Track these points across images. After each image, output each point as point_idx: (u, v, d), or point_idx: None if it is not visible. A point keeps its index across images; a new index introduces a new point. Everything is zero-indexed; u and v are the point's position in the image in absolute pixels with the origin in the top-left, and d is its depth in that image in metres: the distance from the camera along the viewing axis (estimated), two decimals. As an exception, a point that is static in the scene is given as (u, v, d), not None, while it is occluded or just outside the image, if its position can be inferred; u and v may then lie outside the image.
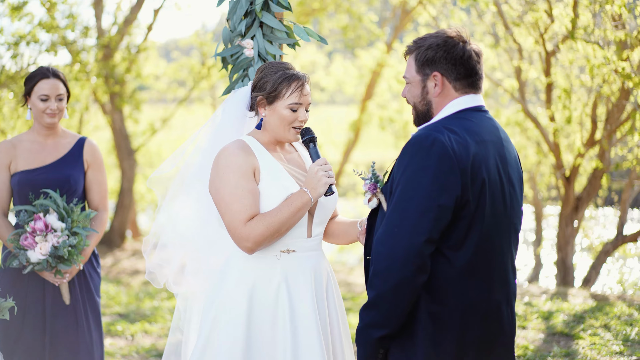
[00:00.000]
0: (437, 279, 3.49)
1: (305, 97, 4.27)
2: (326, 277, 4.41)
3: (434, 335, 3.50)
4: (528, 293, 11.42)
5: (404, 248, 3.38)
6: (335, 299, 4.46)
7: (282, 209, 4.13)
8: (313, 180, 4.15)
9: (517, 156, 3.80)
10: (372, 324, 3.48)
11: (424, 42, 3.67)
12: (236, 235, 4.14)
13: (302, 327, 4.21)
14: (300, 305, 4.24)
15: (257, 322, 4.22)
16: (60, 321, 5.55)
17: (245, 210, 4.12)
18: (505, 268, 3.65)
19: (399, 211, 3.43)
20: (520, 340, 8.40)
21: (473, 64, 3.65)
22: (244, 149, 4.23)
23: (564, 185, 13.03)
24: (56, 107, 5.51)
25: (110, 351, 8.28)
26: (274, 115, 4.27)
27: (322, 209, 4.35)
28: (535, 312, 9.64)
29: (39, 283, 5.53)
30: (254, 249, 4.14)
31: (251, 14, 4.73)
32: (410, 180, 3.43)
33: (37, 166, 5.55)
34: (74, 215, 5.38)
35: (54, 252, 5.28)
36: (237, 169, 4.16)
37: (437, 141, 3.43)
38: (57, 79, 5.54)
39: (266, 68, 4.31)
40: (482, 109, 3.69)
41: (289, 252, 4.27)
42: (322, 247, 4.47)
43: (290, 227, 4.16)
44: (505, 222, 3.62)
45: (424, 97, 3.68)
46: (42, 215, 5.32)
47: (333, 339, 4.39)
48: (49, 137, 5.63)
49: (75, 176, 5.59)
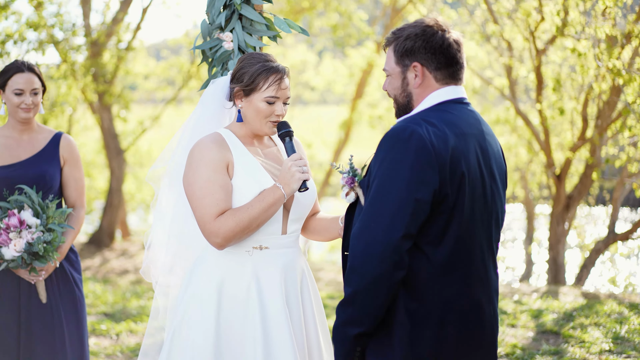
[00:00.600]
0: (415, 275, 3.39)
1: (283, 91, 4.18)
2: (300, 274, 4.31)
3: (412, 333, 3.40)
4: (519, 292, 11.36)
5: (380, 243, 3.28)
6: (312, 297, 4.37)
7: (254, 204, 4.04)
8: (286, 175, 4.06)
9: (501, 150, 3.71)
10: (348, 321, 3.38)
11: (402, 33, 3.57)
12: (206, 230, 4.06)
13: (273, 324, 4.13)
14: (271, 303, 4.15)
15: (227, 318, 4.14)
16: (36, 320, 5.44)
17: (216, 205, 4.04)
18: (486, 264, 3.55)
19: (376, 206, 3.33)
20: (509, 339, 8.33)
21: (453, 52, 3.54)
22: (217, 143, 4.14)
23: (555, 183, 13.00)
24: (31, 102, 5.40)
25: (95, 351, 8.19)
26: (250, 108, 4.18)
27: (298, 205, 4.26)
28: (525, 310, 9.58)
29: (14, 281, 5.42)
30: (223, 244, 4.05)
31: (230, 7, 4.63)
32: (387, 174, 3.33)
33: (12, 162, 5.44)
34: (49, 212, 5.28)
35: (28, 249, 5.18)
36: (210, 162, 4.07)
37: (414, 134, 3.33)
38: (31, 73, 5.42)
39: (246, 59, 4.22)
40: (464, 101, 3.59)
41: (261, 248, 4.18)
42: (298, 244, 4.38)
43: (261, 223, 4.08)
44: (486, 217, 3.52)
45: (405, 89, 3.58)
46: (16, 212, 5.22)
47: (309, 337, 4.31)
48: (24, 133, 5.53)
49: (51, 172, 5.48)
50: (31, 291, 5.44)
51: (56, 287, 5.51)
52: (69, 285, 5.57)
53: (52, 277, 5.51)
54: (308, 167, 4.10)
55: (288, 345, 4.09)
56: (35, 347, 5.43)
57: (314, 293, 4.41)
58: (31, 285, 5.42)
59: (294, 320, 4.22)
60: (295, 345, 4.13)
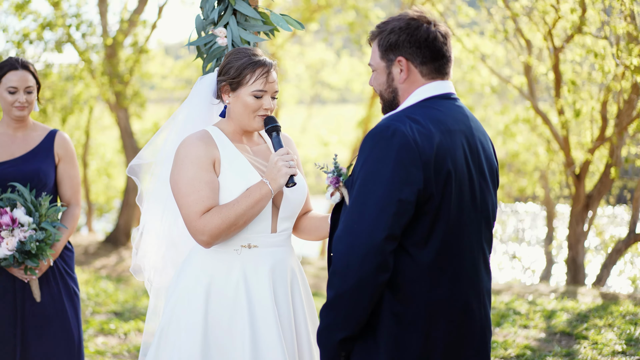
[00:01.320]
0: (401, 277, 3.28)
1: (270, 84, 4.11)
2: (290, 274, 4.23)
3: (398, 336, 3.29)
4: (536, 292, 11.23)
5: (363, 245, 3.17)
6: (303, 297, 4.29)
7: (240, 200, 3.97)
8: (273, 170, 3.98)
9: (492, 147, 3.59)
10: (331, 325, 3.28)
11: (386, 26, 3.46)
12: (192, 228, 3.99)
13: (261, 324, 4.06)
14: (259, 302, 4.08)
15: (215, 318, 4.08)
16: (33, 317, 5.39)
17: (202, 202, 3.97)
18: (476, 265, 3.43)
19: (358, 206, 3.22)
20: (520, 340, 8.21)
21: (439, 45, 3.42)
22: (204, 140, 4.08)
23: (574, 183, 12.85)
24: (25, 100, 5.35)
25: (102, 350, 8.16)
26: (238, 103, 4.11)
27: (288, 203, 4.18)
28: (538, 311, 9.45)
29: (9, 278, 5.37)
30: (210, 242, 3.98)
31: (224, 1, 4.56)
32: (370, 174, 3.22)
33: (6, 159, 5.40)
34: (42, 210, 5.22)
35: (20, 247, 5.13)
36: (196, 160, 4.01)
37: (397, 131, 3.22)
38: (26, 70, 5.37)
39: (232, 53, 4.16)
40: (451, 96, 3.47)
41: (250, 247, 4.11)
42: (290, 243, 4.29)
43: (249, 219, 4.00)
44: (475, 217, 3.41)
45: (390, 85, 3.47)
46: (8, 210, 5.17)
47: (299, 337, 4.23)
48: (19, 130, 5.48)
49: (45, 169, 5.42)
50: (26, 289, 5.39)
51: (53, 283, 5.46)
52: (64, 280, 5.52)
53: (48, 275, 5.45)
54: (297, 162, 4.02)
55: (276, 345, 4.02)
56: (33, 344, 5.39)
57: (305, 293, 4.33)
58: (25, 283, 5.37)
59: (283, 320, 4.15)
60: (284, 345, 4.06)
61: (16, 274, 5.30)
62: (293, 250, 4.32)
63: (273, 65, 4.15)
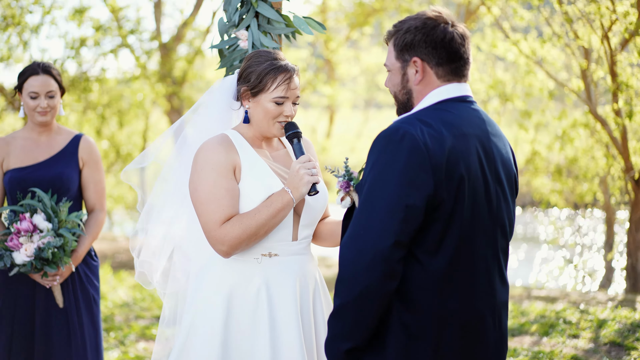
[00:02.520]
0: (411, 285, 3.16)
1: (292, 91, 3.97)
2: (313, 283, 4.11)
3: (408, 347, 3.16)
4: (593, 300, 10.97)
5: (369, 253, 3.05)
6: (324, 307, 4.17)
7: (261, 210, 3.84)
8: (295, 179, 3.85)
9: (511, 152, 3.45)
10: (338, 335, 3.16)
11: (402, 25, 3.35)
12: (211, 238, 3.88)
13: (283, 336, 3.94)
14: (281, 313, 3.96)
15: (235, 329, 3.97)
16: (53, 324, 5.37)
17: (222, 211, 3.85)
18: (490, 275, 3.29)
19: (365, 212, 3.10)
20: (568, 350, 8.00)
21: (456, 47, 3.30)
22: (224, 145, 3.96)
23: (634, 188, 12.57)
24: (47, 105, 5.32)
25: (141, 355, 8.15)
26: (258, 109, 3.99)
27: (309, 210, 4.06)
28: (589, 320, 9.21)
29: (30, 284, 5.37)
30: (229, 252, 3.87)
31: (247, 4, 4.48)
32: (378, 178, 3.10)
33: (29, 164, 5.38)
34: (61, 215, 5.19)
35: (38, 254, 5.10)
36: (216, 166, 3.89)
37: (407, 134, 3.10)
38: (47, 75, 5.34)
39: (253, 57, 4.03)
40: (467, 99, 3.34)
41: (270, 255, 3.99)
42: (310, 251, 4.17)
43: (270, 229, 3.88)
44: (491, 225, 3.27)
45: (404, 86, 3.35)
46: (28, 216, 5.15)
47: (319, 348, 4.10)
48: (43, 134, 5.46)
49: (67, 174, 5.39)
50: (48, 295, 5.37)
51: (71, 292, 5.43)
52: (85, 289, 5.49)
53: (68, 281, 5.43)
54: (318, 169, 3.89)
55: (298, 356, 3.91)
56: (51, 352, 5.37)
57: (326, 302, 4.22)
58: (47, 289, 5.36)
59: (305, 330, 4.04)
60: (305, 355, 3.95)
61: (37, 279, 5.29)
62: (314, 258, 4.20)
63: (295, 70, 4.02)
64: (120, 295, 11.27)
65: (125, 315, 10.17)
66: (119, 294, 11.34)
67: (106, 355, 8.07)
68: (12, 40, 12.98)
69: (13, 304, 5.35)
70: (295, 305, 3.98)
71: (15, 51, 13.18)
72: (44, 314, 5.37)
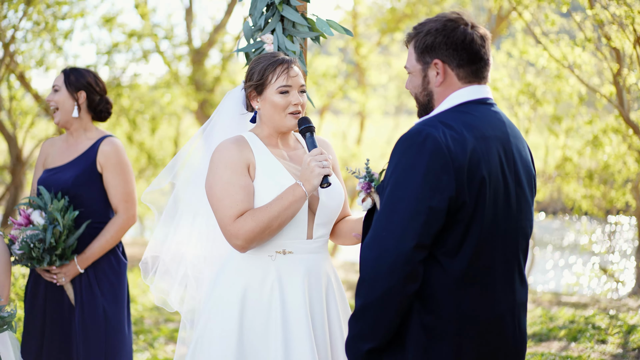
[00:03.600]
0: (431, 287, 3.18)
1: (293, 78, 4.10)
2: (326, 281, 4.18)
3: (428, 348, 3.19)
4: (624, 306, 10.90)
5: (391, 254, 3.07)
6: (338, 305, 4.23)
7: (274, 203, 3.94)
8: (306, 171, 3.94)
9: (530, 154, 3.47)
10: (359, 335, 3.20)
11: (423, 28, 3.38)
12: (226, 232, 3.98)
13: (294, 331, 4.02)
14: (293, 309, 4.04)
15: (250, 324, 4.06)
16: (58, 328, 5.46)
17: (236, 206, 3.96)
18: (510, 276, 3.31)
19: (387, 213, 3.13)
20: (595, 355, 7.97)
21: (477, 48, 3.32)
22: (239, 144, 4.08)
23: (665, 194, 12.48)
24: (51, 99, 5.47)
25: (170, 357, 8.22)
26: (267, 104, 4.11)
27: (324, 208, 4.13)
28: (619, 325, 9.16)
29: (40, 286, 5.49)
30: (245, 246, 3.96)
31: (272, 8, 4.54)
32: (400, 180, 3.13)
33: (55, 166, 5.50)
34: (54, 213, 5.23)
35: (24, 247, 5.19)
36: (230, 163, 4.01)
37: (429, 137, 3.13)
38: (62, 73, 5.51)
39: (254, 60, 4.19)
40: (488, 102, 3.36)
41: (284, 253, 4.08)
42: (326, 250, 4.23)
43: (283, 222, 3.96)
44: (511, 226, 3.29)
45: (425, 88, 3.39)
46: (26, 210, 5.26)
47: (334, 345, 4.17)
48: (70, 136, 5.57)
49: (80, 179, 5.44)
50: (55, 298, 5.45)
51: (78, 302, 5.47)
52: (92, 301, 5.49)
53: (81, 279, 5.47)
54: (330, 162, 3.94)
55: (308, 353, 3.97)
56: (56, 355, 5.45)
57: (341, 299, 4.28)
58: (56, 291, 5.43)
59: (317, 328, 4.10)
60: (316, 353, 4.02)
61: (47, 277, 5.38)
62: (329, 257, 4.26)
63: (292, 61, 4.15)
64: (150, 299, 11.35)
65: (154, 319, 10.25)
66: (148, 298, 11.43)
67: (136, 357, 8.14)
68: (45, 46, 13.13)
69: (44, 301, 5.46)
70: (304, 302, 4.05)
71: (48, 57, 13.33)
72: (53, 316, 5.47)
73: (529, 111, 16.31)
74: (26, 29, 12.17)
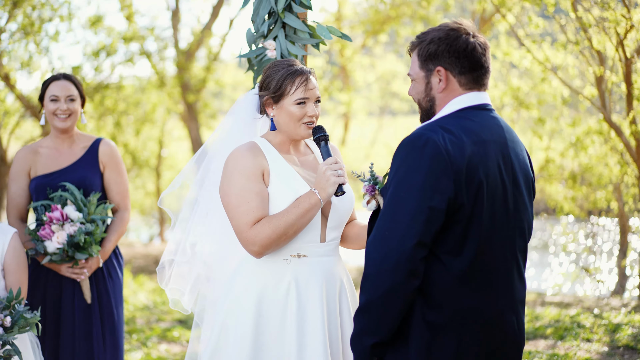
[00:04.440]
0: (434, 285, 3.34)
1: (311, 91, 4.18)
2: (339, 283, 4.28)
3: (430, 343, 3.34)
4: (607, 306, 11.07)
5: (395, 252, 3.23)
6: (350, 307, 4.33)
7: (290, 210, 4.02)
8: (322, 180, 4.03)
9: (528, 157, 3.63)
10: (364, 330, 3.35)
11: (426, 37, 3.53)
12: (243, 239, 4.06)
13: (309, 334, 4.10)
14: (308, 312, 4.13)
15: (265, 327, 4.14)
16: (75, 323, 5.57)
17: (252, 213, 4.03)
18: (510, 275, 3.47)
19: (390, 214, 3.29)
20: (582, 353, 8.12)
21: (478, 56, 3.48)
22: (252, 151, 4.15)
23: (647, 195, 12.65)
24: (66, 108, 5.56)
25: (164, 356, 8.33)
26: (283, 114, 4.19)
27: (336, 212, 4.23)
28: (603, 324, 9.32)
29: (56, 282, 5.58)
30: (261, 252, 4.04)
31: (274, 15, 4.66)
32: (402, 182, 3.29)
33: (54, 170, 5.61)
34: (90, 207, 5.42)
35: (70, 240, 5.33)
36: (245, 170, 4.08)
37: (430, 141, 3.29)
38: (67, 80, 5.61)
39: (270, 67, 4.25)
40: (486, 107, 3.52)
41: (299, 256, 4.17)
42: (338, 252, 4.34)
43: (299, 229, 4.05)
44: (510, 226, 3.44)
45: (428, 94, 3.55)
46: (59, 207, 5.38)
47: (345, 345, 4.26)
48: (65, 142, 5.69)
49: (90, 178, 5.62)
50: (74, 291, 5.56)
51: (94, 288, 5.63)
52: (107, 287, 5.69)
53: (93, 278, 5.62)
54: (344, 171, 4.05)
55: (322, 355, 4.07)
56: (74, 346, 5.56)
57: (353, 301, 4.37)
58: (73, 285, 5.53)
59: (331, 330, 4.20)
60: (329, 354, 4.11)
61: (65, 272, 5.49)
62: (341, 259, 4.36)
63: (311, 72, 4.23)
64: (141, 299, 11.44)
65: (146, 318, 10.35)
66: (139, 298, 11.52)
67: (129, 356, 8.24)
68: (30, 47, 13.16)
69: (42, 301, 5.55)
70: (321, 305, 4.14)
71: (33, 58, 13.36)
72: (69, 309, 5.58)
73: (511, 113, 16.47)
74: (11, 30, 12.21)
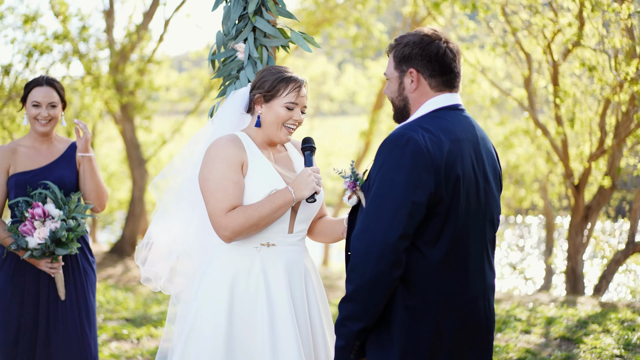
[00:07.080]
0: (414, 273, 3.58)
1: (301, 98, 4.47)
2: (304, 271, 4.56)
3: (411, 327, 3.58)
4: (537, 301, 11.44)
5: (379, 244, 3.46)
6: (316, 293, 4.61)
7: (264, 203, 4.30)
8: (302, 182, 4.34)
9: (495, 153, 3.91)
10: (350, 316, 3.57)
11: (402, 40, 3.79)
12: (216, 223, 4.30)
13: (278, 317, 4.38)
14: (276, 296, 4.41)
15: (238, 312, 4.39)
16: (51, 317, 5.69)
17: (228, 200, 4.29)
18: (482, 263, 3.74)
19: (375, 208, 3.52)
20: (521, 344, 8.45)
21: (448, 61, 3.74)
22: (234, 142, 4.40)
23: (574, 194, 13.01)
24: (47, 115, 5.70)
25: (116, 354, 8.42)
26: (270, 113, 4.45)
27: (305, 208, 4.52)
28: (539, 317, 9.68)
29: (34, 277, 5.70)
30: (231, 238, 4.30)
31: (244, 19, 4.84)
32: (386, 178, 3.52)
33: (32, 168, 5.72)
34: (71, 205, 5.57)
35: (52, 236, 5.47)
36: (226, 160, 4.33)
37: (411, 140, 3.52)
38: (50, 87, 5.73)
39: (266, 70, 4.51)
40: (459, 108, 3.79)
41: (269, 245, 4.44)
42: (304, 243, 4.63)
43: (269, 222, 4.33)
44: (481, 218, 3.71)
45: (401, 93, 3.79)
46: (41, 204, 5.50)
47: (314, 329, 4.56)
48: (44, 143, 5.84)
49: (69, 177, 5.78)
50: (50, 286, 5.71)
51: (72, 285, 5.77)
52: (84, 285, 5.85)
53: (69, 274, 5.77)
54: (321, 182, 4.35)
55: (292, 337, 4.34)
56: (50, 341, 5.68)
57: (319, 289, 4.66)
58: (50, 281, 5.65)
59: (299, 313, 4.47)
60: (299, 336, 4.39)
61: (43, 267, 5.60)
62: (307, 250, 4.65)
63: (304, 82, 4.53)
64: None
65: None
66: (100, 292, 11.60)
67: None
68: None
69: (20, 296, 5.68)
70: (287, 289, 4.43)
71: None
72: (46, 304, 5.72)
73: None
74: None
